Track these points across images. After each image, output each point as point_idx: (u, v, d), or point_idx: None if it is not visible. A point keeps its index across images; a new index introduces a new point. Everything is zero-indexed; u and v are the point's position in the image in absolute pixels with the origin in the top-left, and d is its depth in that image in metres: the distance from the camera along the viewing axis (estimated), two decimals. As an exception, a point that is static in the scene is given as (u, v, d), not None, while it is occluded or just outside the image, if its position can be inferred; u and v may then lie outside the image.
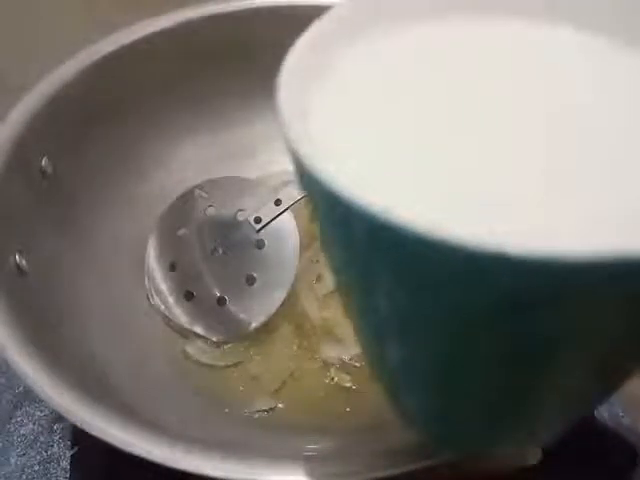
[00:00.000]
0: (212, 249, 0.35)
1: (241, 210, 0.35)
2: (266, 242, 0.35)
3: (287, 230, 0.35)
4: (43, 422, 0.35)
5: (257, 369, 0.33)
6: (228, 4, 0.37)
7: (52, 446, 0.34)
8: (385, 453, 0.21)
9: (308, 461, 0.21)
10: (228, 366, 0.33)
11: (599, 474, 0.31)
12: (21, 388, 0.36)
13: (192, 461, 0.20)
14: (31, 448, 0.34)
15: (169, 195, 0.36)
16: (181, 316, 0.34)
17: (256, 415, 0.31)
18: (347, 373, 0.33)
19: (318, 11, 0.39)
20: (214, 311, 0.34)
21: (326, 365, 0.34)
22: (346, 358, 0.34)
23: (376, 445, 0.22)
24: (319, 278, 0.37)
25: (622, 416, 0.36)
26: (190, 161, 0.40)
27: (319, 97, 0.14)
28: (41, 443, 0.34)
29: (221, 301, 0.34)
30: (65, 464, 0.33)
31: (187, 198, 0.36)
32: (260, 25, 0.37)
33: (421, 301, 0.12)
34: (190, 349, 0.34)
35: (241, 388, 0.33)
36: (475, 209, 0.12)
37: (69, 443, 0.33)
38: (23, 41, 0.41)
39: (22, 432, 0.34)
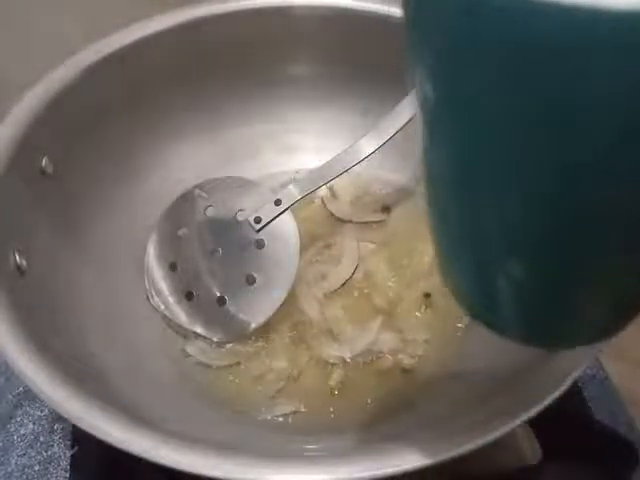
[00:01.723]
0: (212, 249, 0.35)
1: (241, 210, 0.35)
2: (266, 242, 0.35)
3: (287, 230, 0.35)
4: (43, 422, 0.35)
5: (257, 369, 0.33)
6: (227, 4, 0.37)
7: (52, 446, 0.34)
8: (385, 453, 0.21)
9: (308, 461, 0.21)
10: (228, 366, 0.33)
11: (599, 474, 0.31)
12: (21, 388, 0.36)
13: (192, 461, 0.20)
14: (31, 448, 0.34)
15: (169, 195, 0.36)
16: (181, 316, 0.34)
17: (257, 416, 0.31)
18: (347, 373, 0.33)
19: (318, 11, 0.39)
20: (214, 311, 0.34)
21: (326, 365, 0.34)
22: (346, 358, 0.34)
23: (376, 445, 0.22)
24: (319, 278, 0.37)
25: (621, 416, 0.36)
26: (190, 161, 0.40)
27: None
28: (41, 443, 0.34)
29: (221, 301, 0.34)
30: (65, 464, 0.33)
31: (187, 198, 0.36)
32: (260, 25, 0.37)
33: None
34: (190, 349, 0.34)
35: (241, 388, 0.33)
36: None
37: (69, 443, 0.33)
38: (23, 41, 0.41)
39: (22, 432, 0.34)
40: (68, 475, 0.32)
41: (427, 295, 0.36)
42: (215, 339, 0.34)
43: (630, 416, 0.36)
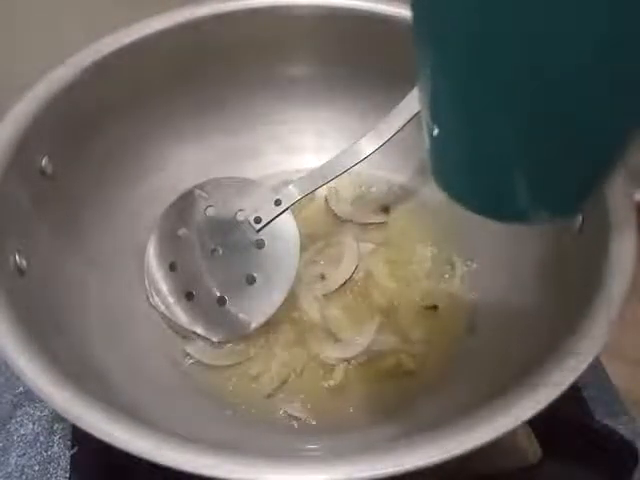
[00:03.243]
0: (212, 249, 0.35)
1: (241, 210, 0.35)
2: (266, 242, 0.35)
3: (287, 230, 0.35)
4: (43, 422, 0.35)
5: (257, 369, 0.33)
6: (227, 4, 0.37)
7: (52, 446, 0.34)
8: (385, 453, 0.21)
9: (308, 461, 0.21)
10: (228, 366, 0.33)
11: (599, 474, 0.31)
12: (21, 388, 0.36)
13: (191, 461, 0.20)
14: (31, 448, 0.34)
15: (169, 195, 0.36)
16: (181, 316, 0.34)
17: (256, 416, 0.31)
18: (347, 373, 0.33)
19: (317, 11, 0.39)
20: (214, 311, 0.34)
21: (326, 365, 0.34)
22: (346, 358, 0.34)
23: (376, 445, 0.22)
24: (319, 278, 0.37)
25: (621, 416, 0.36)
26: (190, 161, 0.40)
27: None
28: (41, 443, 0.34)
29: (221, 301, 0.34)
30: (65, 464, 0.33)
31: (187, 198, 0.36)
32: (260, 25, 0.37)
33: None
34: (190, 349, 0.34)
35: (241, 388, 0.33)
36: None
37: (69, 443, 0.33)
38: (23, 41, 0.41)
39: (22, 432, 0.34)
40: (68, 475, 0.32)
41: (434, 307, 0.36)
42: (215, 339, 0.34)
43: (630, 416, 0.36)
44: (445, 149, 0.19)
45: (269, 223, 0.35)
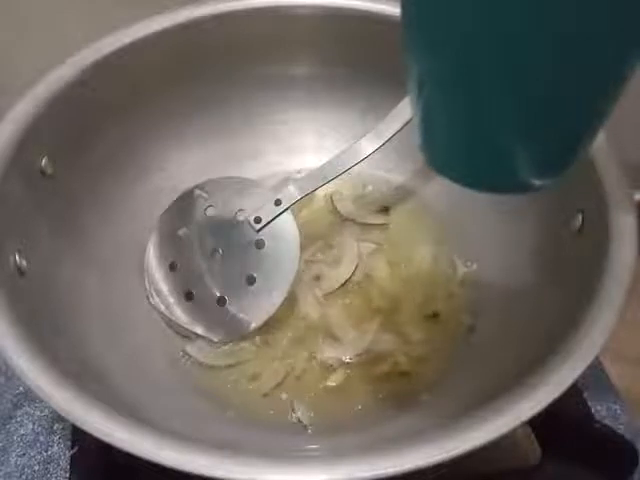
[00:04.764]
0: (212, 249, 0.35)
1: (241, 210, 0.35)
2: (266, 242, 0.35)
3: (287, 230, 0.35)
4: (43, 422, 0.35)
5: (257, 369, 0.33)
6: (227, 4, 0.37)
7: (52, 446, 0.34)
8: (385, 453, 0.21)
9: (308, 461, 0.21)
10: (228, 366, 0.33)
11: (599, 474, 0.31)
12: (21, 388, 0.36)
13: (192, 461, 0.20)
14: (31, 448, 0.34)
15: (169, 195, 0.36)
16: (181, 316, 0.34)
17: (256, 416, 0.31)
18: (347, 373, 0.33)
19: (318, 11, 0.39)
20: (214, 311, 0.34)
21: (326, 365, 0.34)
22: (346, 358, 0.34)
23: (376, 445, 0.22)
24: (318, 278, 0.37)
25: (621, 416, 0.36)
26: (190, 161, 0.40)
27: None
28: (41, 443, 0.34)
29: (221, 301, 0.34)
30: (65, 464, 0.33)
31: (187, 198, 0.36)
32: (260, 25, 0.37)
33: None
34: (190, 349, 0.34)
35: (241, 388, 0.33)
36: None
37: (69, 443, 0.33)
38: (23, 41, 0.41)
39: (22, 432, 0.34)
40: (68, 475, 0.32)
41: (435, 314, 0.36)
42: (215, 339, 0.34)
43: (630, 416, 0.36)
44: (432, 123, 0.20)
45: (269, 223, 0.35)
